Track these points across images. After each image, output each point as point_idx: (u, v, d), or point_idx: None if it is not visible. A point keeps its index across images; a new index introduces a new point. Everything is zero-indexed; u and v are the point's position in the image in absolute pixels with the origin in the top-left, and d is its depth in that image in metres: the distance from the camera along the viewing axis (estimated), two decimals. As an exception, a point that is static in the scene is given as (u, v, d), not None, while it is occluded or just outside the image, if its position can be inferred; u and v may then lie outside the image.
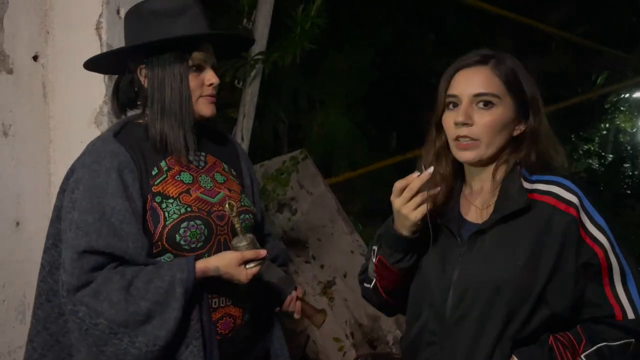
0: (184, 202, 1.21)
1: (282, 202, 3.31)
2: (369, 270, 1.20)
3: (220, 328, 1.25)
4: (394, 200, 1.05)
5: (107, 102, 1.69)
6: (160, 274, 1.13)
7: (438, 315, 1.10)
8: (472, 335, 1.04)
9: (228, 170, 1.36)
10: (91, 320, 1.10)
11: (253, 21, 3.28)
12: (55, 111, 1.76)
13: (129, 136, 1.24)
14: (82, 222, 1.14)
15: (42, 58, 1.74)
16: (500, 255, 1.04)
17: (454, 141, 1.08)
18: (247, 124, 3.45)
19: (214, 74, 1.25)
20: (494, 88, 1.07)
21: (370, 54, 5.12)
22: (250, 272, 1.17)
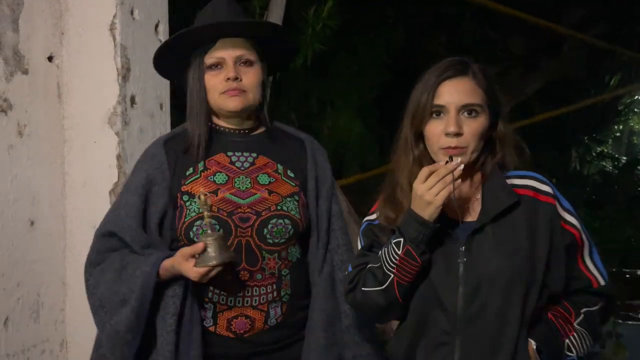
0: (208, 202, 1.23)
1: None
2: (379, 269, 1.14)
3: (234, 327, 1.26)
4: (419, 186, 1.08)
5: (121, 102, 1.70)
6: (141, 264, 1.22)
7: (449, 315, 1.11)
8: (496, 327, 1.09)
9: (282, 172, 1.33)
10: (93, 290, 1.28)
11: (264, 23, 3.29)
12: (70, 111, 1.77)
13: (179, 140, 1.33)
14: (109, 211, 1.34)
15: (57, 59, 1.76)
16: (504, 248, 1.12)
17: (441, 149, 1.12)
18: (258, 125, 3.46)
19: (232, 67, 1.25)
20: (477, 98, 1.13)
21: (382, 55, 5.11)
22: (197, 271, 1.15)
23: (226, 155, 1.32)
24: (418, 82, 1.18)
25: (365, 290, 1.16)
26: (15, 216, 1.62)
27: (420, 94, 1.14)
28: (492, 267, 1.10)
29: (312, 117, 5.03)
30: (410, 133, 1.17)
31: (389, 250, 1.12)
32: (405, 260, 1.10)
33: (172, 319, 1.21)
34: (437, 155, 1.14)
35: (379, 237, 1.21)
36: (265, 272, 1.27)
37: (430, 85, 1.14)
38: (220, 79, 1.26)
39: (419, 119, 1.15)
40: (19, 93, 1.63)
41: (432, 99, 1.13)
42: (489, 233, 1.13)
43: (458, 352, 1.11)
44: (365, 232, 1.24)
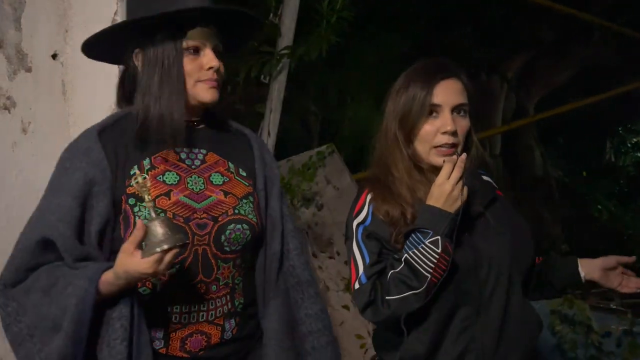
0: (159, 206, 1.09)
1: (307, 197, 3.29)
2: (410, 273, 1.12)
3: (189, 346, 1.13)
4: (446, 182, 1.11)
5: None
6: (74, 280, 1.01)
7: (472, 300, 1.17)
8: (505, 301, 1.18)
9: (234, 171, 1.23)
10: (16, 317, 1.04)
11: (279, 15, 3.28)
12: (75, 108, 1.79)
13: (118, 131, 1.15)
14: (34, 218, 1.10)
15: (62, 56, 1.78)
16: (506, 229, 1.22)
17: (433, 148, 1.18)
18: (274, 119, 3.46)
19: (214, 57, 1.14)
20: (467, 98, 1.20)
21: (403, 46, 5.03)
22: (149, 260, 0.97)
23: (175, 151, 1.17)
24: (400, 83, 1.22)
25: (394, 298, 1.13)
26: (21, 212, 1.64)
27: (412, 97, 1.18)
28: (498, 248, 1.20)
29: (332, 109, 5.01)
30: (401, 132, 1.20)
31: (424, 251, 1.11)
32: (443, 257, 1.11)
33: (122, 345, 1.02)
34: (430, 153, 1.20)
35: (383, 239, 1.18)
36: (219, 282, 1.15)
37: (425, 85, 1.17)
38: (197, 65, 1.13)
39: (413, 118, 1.18)
40: (22, 91, 1.65)
41: (430, 99, 1.17)
42: (489, 219, 1.22)
43: (481, 334, 1.17)
44: (365, 238, 1.19)
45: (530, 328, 1.22)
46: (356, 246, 1.20)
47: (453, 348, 1.17)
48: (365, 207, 1.21)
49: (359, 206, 1.23)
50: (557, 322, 2.62)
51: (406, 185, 1.19)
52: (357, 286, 1.18)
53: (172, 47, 1.12)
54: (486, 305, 1.17)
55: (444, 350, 1.18)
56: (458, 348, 1.17)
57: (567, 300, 2.62)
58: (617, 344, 2.50)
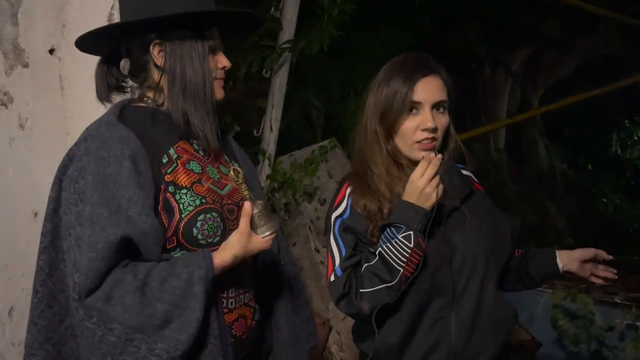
0: (198, 192, 1.12)
1: (309, 191, 3.28)
2: (383, 266, 1.15)
3: (235, 330, 1.17)
4: (420, 179, 1.14)
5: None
6: (176, 272, 1.03)
7: (445, 292, 1.19)
8: (478, 294, 1.20)
9: (229, 162, 1.28)
10: (106, 326, 0.99)
11: (281, 9, 3.26)
12: (72, 104, 1.79)
13: (129, 122, 1.12)
14: (97, 216, 1.01)
15: (59, 51, 1.77)
16: (483, 223, 1.24)
17: (415, 143, 1.20)
18: (275, 113, 3.44)
19: (225, 57, 1.19)
20: (446, 95, 1.22)
21: (406, 39, 5.00)
22: (268, 239, 1.11)
23: (188, 142, 1.18)
24: (381, 78, 1.23)
25: (367, 291, 1.16)
26: (19, 207, 1.65)
27: (394, 92, 1.19)
28: (474, 242, 1.22)
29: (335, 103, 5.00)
30: (381, 128, 1.22)
31: (397, 245, 1.13)
32: (415, 252, 1.13)
33: (214, 323, 1.08)
34: (410, 149, 1.22)
35: (360, 232, 1.21)
36: (247, 266, 1.21)
37: (407, 81, 1.19)
38: (214, 65, 1.17)
39: (394, 115, 1.20)
40: (19, 86, 1.65)
41: (411, 96, 1.18)
42: (465, 213, 1.23)
43: (454, 325, 1.19)
44: (342, 231, 1.22)
45: (504, 320, 1.24)
46: (333, 239, 1.22)
47: (426, 338, 1.19)
48: (344, 201, 1.23)
49: (339, 199, 1.25)
50: (560, 316, 2.61)
51: (384, 181, 1.21)
52: (332, 278, 1.20)
53: (200, 45, 1.14)
54: (460, 298, 1.20)
55: (418, 340, 1.20)
56: (431, 339, 1.19)
57: (570, 294, 2.61)
58: (619, 337, 2.49)
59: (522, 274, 1.35)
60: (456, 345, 1.19)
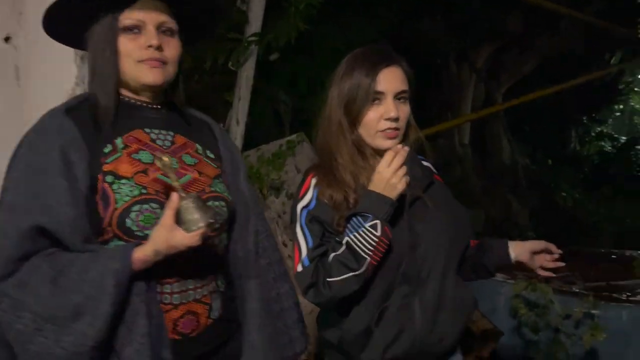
0: (140, 182, 1.08)
1: (276, 186, 3.28)
2: (350, 255, 1.17)
3: (181, 327, 1.13)
4: (386, 170, 1.16)
5: (79, 84, 1.66)
6: (96, 263, 1.00)
7: (409, 279, 1.22)
8: (441, 280, 1.25)
9: (202, 152, 1.24)
10: (15, 313, 0.98)
11: (247, 2, 3.23)
12: (29, 94, 1.73)
13: (84, 111, 1.12)
14: (15, 204, 1.02)
15: (15, 40, 1.72)
16: (443, 212, 1.29)
17: (379, 132, 1.23)
18: (242, 107, 3.42)
19: (155, 34, 1.10)
20: (407, 85, 1.25)
21: (372, 33, 5.03)
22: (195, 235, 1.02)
23: (144, 132, 1.16)
24: (344, 70, 1.24)
25: (335, 280, 1.17)
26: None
27: (357, 83, 1.21)
28: (436, 230, 1.26)
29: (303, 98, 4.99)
30: (345, 119, 1.23)
31: (363, 234, 1.15)
32: (382, 240, 1.16)
33: (144, 320, 1.03)
34: (374, 138, 1.24)
35: (326, 222, 1.21)
36: (203, 261, 1.16)
37: (369, 72, 1.21)
38: (138, 44, 1.10)
39: (357, 106, 1.22)
40: (-27, 75, 1.59)
41: (374, 86, 1.20)
42: (427, 202, 1.27)
43: (418, 311, 1.22)
44: (309, 222, 1.22)
45: (464, 305, 1.29)
46: (299, 229, 1.23)
47: (392, 325, 1.21)
48: (309, 191, 1.24)
49: (304, 190, 1.25)
50: (521, 305, 2.68)
51: (350, 171, 1.23)
52: (299, 269, 1.21)
53: (107, 26, 1.10)
54: (423, 285, 1.23)
55: (384, 326, 1.21)
56: (397, 325, 1.21)
57: (531, 284, 2.69)
58: (576, 325, 2.58)
59: (477, 264, 1.38)
60: (420, 331, 1.22)
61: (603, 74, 6.99)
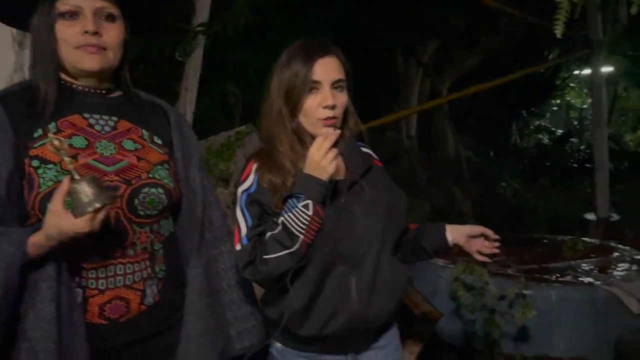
0: (67, 167, 1.05)
1: (225, 177, 3.29)
2: (284, 234, 1.21)
3: (108, 312, 1.13)
4: (316, 154, 1.22)
5: (17, 70, 1.63)
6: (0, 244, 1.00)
7: (345, 259, 1.27)
8: (375, 262, 1.30)
9: (148, 138, 1.23)
10: None
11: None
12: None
13: (21, 96, 1.13)
14: None
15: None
16: (381, 197, 1.34)
17: (319, 120, 1.28)
18: (189, 97, 3.39)
19: (91, 20, 1.10)
20: (343, 74, 1.30)
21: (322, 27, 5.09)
22: (83, 220, 0.99)
23: (82, 117, 1.16)
24: (283, 61, 1.29)
25: (271, 257, 1.22)
26: None
27: (295, 73, 1.26)
28: (372, 213, 1.31)
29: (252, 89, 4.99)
30: (286, 107, 1.29)
31: (297, 214, 1.21)
32: (313, 219, 1.21)
33: (51, 305, 1.02)
34: (315, 126, 1.29)
35: (265, 204, 1.26)
36: (137, 247, 1.16)
37: (306, 62, 1.26)
38: (75, 30, 1.11)
39: (296, 95, 1.27)
40: None
41: (311, 75, 1.26)
42: (364, 187, 1.33)
43: (355, 290, 1.28)
44: (249, 204, 1.27)
45: (398, 283, 1.35)
46: (240, 211, 1.27)
47: (329, 303, 1.27)
48: (250, 176, 1.29)
49: (245, 175, 1.30)
50: (460, 288, 2.82)
51: (289, 158, 1.28)
52: (238, 247, 1.25)
53: (46, 12, 1.11)
54: (360, 264, 1.29)
55: (321, 304, 1.27)
56: (334, 303, 1.27)
57: (469, 267, 2.83)
58: (510, 305, 2.74)
59: (417, 247, 1.45)
60: (356, 308, 1.28)
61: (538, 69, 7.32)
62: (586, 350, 2.94)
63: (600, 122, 5.00)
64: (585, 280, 3.15)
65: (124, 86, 1.24)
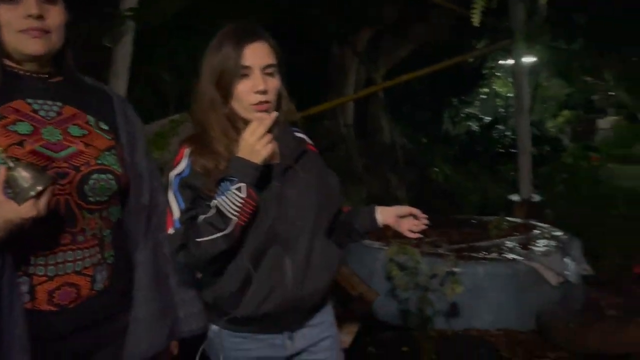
0: (12, 155, 1.05)
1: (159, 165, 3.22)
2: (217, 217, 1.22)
3: (57, 298, 1.13)
4: (250, 137, 1.23)
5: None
6: None
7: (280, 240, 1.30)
8: (310, 243, 1.34)
9: (94, 124, 1.22)
10: None
11: (123, -25, 3.11)
12: None
13: None
14: None
15: None
16: (314, 180, 1.38)
17: (252, 106, 1.29)
18: (119, 85, 3.29)
19: (34, 4, 1.08)
20: (274, 59, 1.31)
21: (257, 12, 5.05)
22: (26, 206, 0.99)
23: (26, 102, 1.15)
24: (213, 47, 1.29)
25: (204, 240, 1.22)
26: None
27: (225, 58, 1.26)
28: (306, 197, 1.35)
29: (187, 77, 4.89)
30: (217, 93, 1.29)
31: (230, 196, 1.21)
32: (247, 202, 1.22)
33: None
34: (247, 111, 1.30)
35: (198, 188, 1.26)
36: (86, 233, 1.17)
37: (234, 49, 1.26)
38: (17, 14, 1.09)
39: (227, 81, 1.27)
40: None
41: (240, 61, 1.26)
42: (298, 171, 1.36)
43: (289, 270, 1.31)
44: (181, 188, 1.27)
45: (331, 262, 1.39)
46: (172, 195, 1.27)
47: (264, 283, 1.29)
48: (183, 161, 1.28)
49: (178, 160, 1.29)
50: (394, 268, 2.94)
51: (223, 144, 1.29)
52: (171, 231, 1.25)
53: None
54: (294, 245, 1.32)
55: (256, 285, 1.29)
56: (269, 283, 1.30)
57: (402, 248, 2.96)
58: (440, 283, 2.90)
59: (349, 229, 1.50)
60: (291, 288, 1.32)
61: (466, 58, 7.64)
62: (511, 321, 3.16)
63: (523, 110, 5.28)
64: (509, 256, 3.37)
65: (66, 70, 1.22)
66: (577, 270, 3.43)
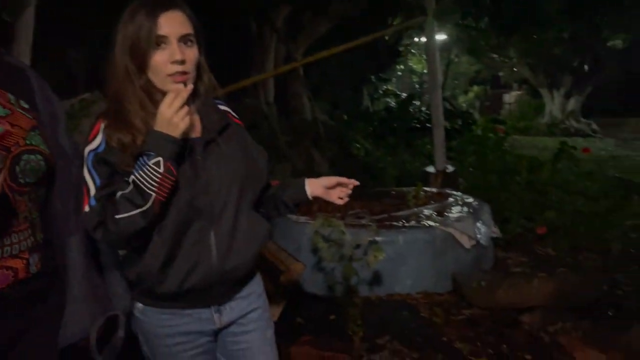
0: None
1: (73, 147, 3.08)
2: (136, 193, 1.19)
3: None
4: (166, 110, 1.19)
5: None
6: None
7: (203, 214, 1.29)
8: (235, 215, 1.33)
9: (15, 102, 1.17)
10: None
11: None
12: None
13: None
14: None
15: None
16: (234, 155, 1.36)
17: (169, 77, 1.25)
18: (23, 62, 3.09)
19: None
20: (191, 29, 1.27)
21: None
22: None
23: None
24: (126, 17, 1.23)
25: (122, 216, 1.18)
26: None
27: (138, 27, 1.21)
28: (229, 170, 1.33)
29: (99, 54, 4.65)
30: (132, 64, 1.24)
31: (147, 171, 1.18)
32: (165, 177, 1.19)
33: None
34: (164, 82, 1.25)
35: (115, 163, 1.22)
36: (19, 216, 1.14)
37: (148, 18, 1.21)
38: None
39: (142, 50, 1.22)
40: None
41: (155, 30, 1.21)
42: (220, 144, 1.34)
43: (213, 244, 1.31)
44: (96, 163, 1.22)
45: (257, 236, 1.39)
46: (87, 171, 1.22)
47: (187, 259, 1.28)
48: (98, 136, 1.23)
49: (93, 135, 1.24)
50: (320, 240, 3.02)
51: (140, 117, 1.24)
52: (86, 209, 1.21)
53: None
54: (218, 219, 1.30)
55: (179, 261, 1.28)
56: (193, 258, 1.29)
57: (327, 221, 3.04)
58: (364, 252, 3.02)
59: (279, 202, 1.50)
60: (216, 261, 1.31)
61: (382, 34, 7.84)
62: (429, 284, 3.36)
63: (436, 86, 5.52)
64: (426, 223, 3.56)
65: None
66: (487, 233, 3.69)
